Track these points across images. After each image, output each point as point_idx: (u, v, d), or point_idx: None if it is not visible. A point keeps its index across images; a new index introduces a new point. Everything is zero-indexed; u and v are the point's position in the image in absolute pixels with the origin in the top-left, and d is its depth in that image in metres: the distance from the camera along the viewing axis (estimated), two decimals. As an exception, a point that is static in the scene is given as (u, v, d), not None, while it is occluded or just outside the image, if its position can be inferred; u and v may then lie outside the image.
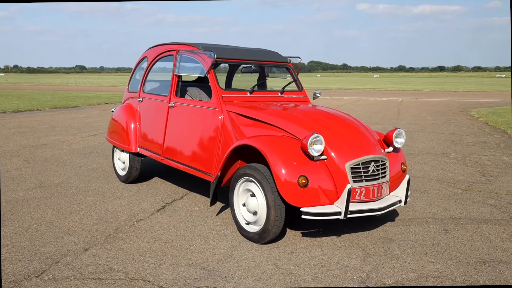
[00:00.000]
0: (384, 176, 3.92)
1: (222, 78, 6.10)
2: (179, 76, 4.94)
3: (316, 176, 3.62)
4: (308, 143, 3.58)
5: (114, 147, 5.93)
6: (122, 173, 5.77)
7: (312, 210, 3.53)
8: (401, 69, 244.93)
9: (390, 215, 4.59)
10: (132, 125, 5.51)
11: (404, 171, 4.26)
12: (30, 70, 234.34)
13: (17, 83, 55.50)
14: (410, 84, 55.24)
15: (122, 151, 5.69)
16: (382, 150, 4.04)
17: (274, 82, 5.80)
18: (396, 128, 4.25)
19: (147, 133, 5.34)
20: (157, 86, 5.46)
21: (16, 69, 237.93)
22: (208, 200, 4.90)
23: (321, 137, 3.64)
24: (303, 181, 3.52)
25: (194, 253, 3.63)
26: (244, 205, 3.92)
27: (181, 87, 5.16)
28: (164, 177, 6.05)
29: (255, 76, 5.61)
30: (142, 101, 5.52)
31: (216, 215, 4.55)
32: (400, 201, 4.00)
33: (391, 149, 4.24)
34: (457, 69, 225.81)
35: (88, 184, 5.71)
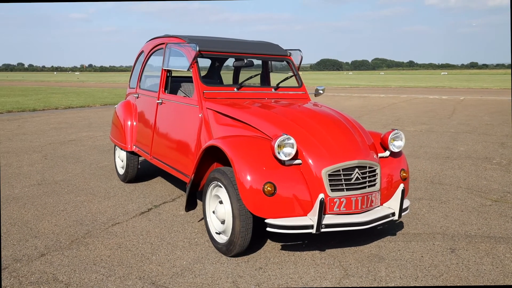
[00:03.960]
0: (374, 185, 3.40)
1: (230, 75, 5.77)
2: (169, 71, 4.64)
3: (287, 183, 3.17)
4: (276, 146, 3.14)
5: (115, 144, 5.76)
6: (121, 171, 5.57)
7: (278, 222, 3.09)
8: (473, 66, 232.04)
9: (391, 229, 4.03)
10: (129, 123, 5.29)
11: (404, 179, 3.70)
12: (102, 69, 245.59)
13: (86, 81, 58.09)
14: (480, 82, 51.88)
15: (121, 149, 5.49)
16: (375, 156, 3.51)
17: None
18: (393, 130, 3.69)
19: (140, 131, 5.10)
20: (152, 82, 5.19)
21: (90, 68, 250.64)
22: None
23: (292, 139, 3.18)
24: (269, 188, 3.09)
25: (153, 264, 3.31)
26: (214, 212, 3.55)
27: (175, 82, 4.87)
28: (166, 177, 5.79)
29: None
30: (138, 97, 5.28)
31: (199, 221, 4.21)
32: (393, 214, 3.45)
33: (387, 153, 3.69)
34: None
35: (87, 182, 5.56)
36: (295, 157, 3.24)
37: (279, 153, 3.16)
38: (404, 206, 3.55)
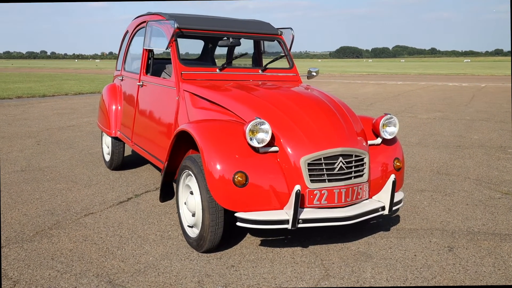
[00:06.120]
0: (361, 176, 3.04)
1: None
2: (150, 51, 4.32)
3: (261, 173, 2.83)
4: (248, 131, 2.81)
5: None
6: (107, 158, 5.31)
7: (249, 217, 2.77)
8: (498, 53, 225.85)
9: (385, 224, 3.68)
10: (113, 107, 5.00)
11: (398, 169, 3.33)
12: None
13: (104, 68, 58.25)
14: (504, 69, 50.28)
15: (107, 134, 5.22)
16: (364, 143, 3.15)
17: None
18: (385, 114, 3.31)
19: (124, 116, 4.81)
20: (136, 63, 4.88)
21: (111, 56, 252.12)
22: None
23: (266, 124, 2.84)
24: (240, 178, 2.76)
25: (116, 259, 3.02)
26: (185, 203, 3.25)
27: (159, 64, 4.56)
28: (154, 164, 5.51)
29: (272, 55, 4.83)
30: (122, 80, 4.99)
31: (177, 213, 3.91)
32: (383, 208, 3.09)
33: (379, 140, 3.32)
34: None
35: (72, 169, 5.31)
36: (271, 144, 2.91)
37: (251, 139, 2.83)
38: (397, 199, 3.20)
